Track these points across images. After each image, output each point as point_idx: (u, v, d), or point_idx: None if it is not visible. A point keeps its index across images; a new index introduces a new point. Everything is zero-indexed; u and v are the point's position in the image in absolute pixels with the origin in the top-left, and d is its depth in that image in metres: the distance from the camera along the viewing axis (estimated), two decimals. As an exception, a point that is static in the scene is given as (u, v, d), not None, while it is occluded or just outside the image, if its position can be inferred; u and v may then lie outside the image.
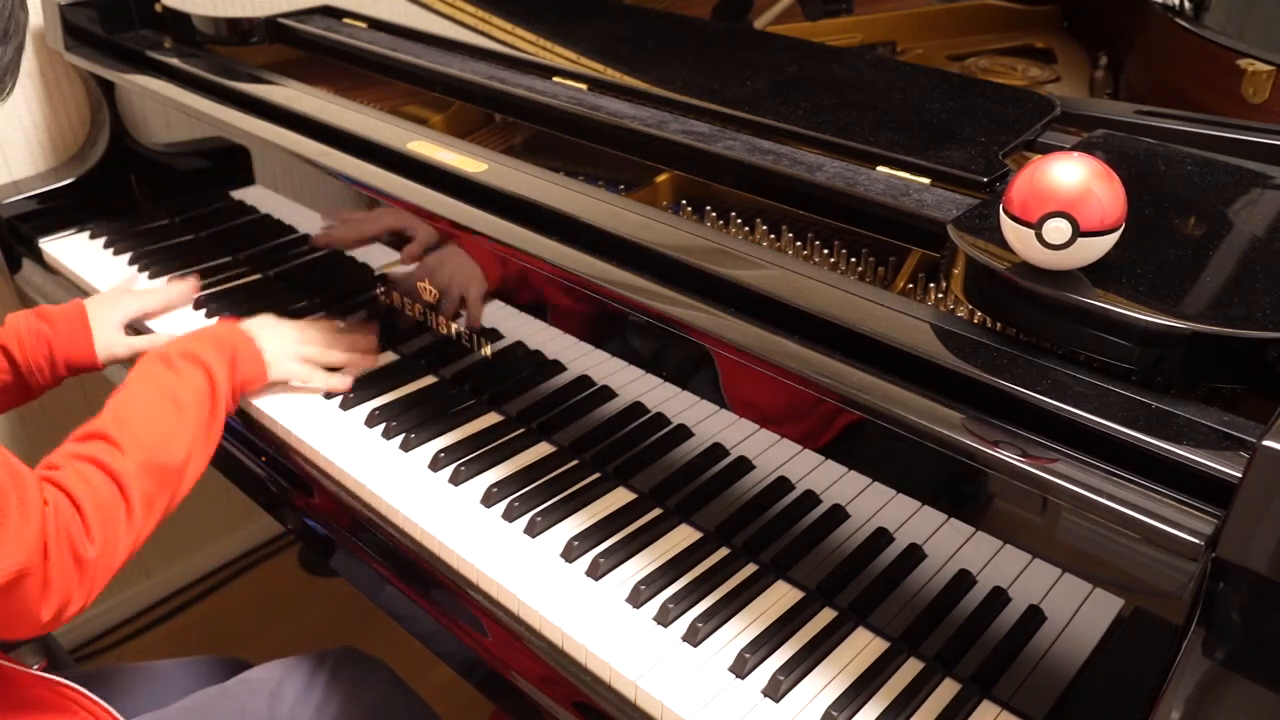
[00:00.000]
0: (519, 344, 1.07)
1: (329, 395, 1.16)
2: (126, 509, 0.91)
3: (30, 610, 0.83)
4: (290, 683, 1.02)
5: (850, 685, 0.82)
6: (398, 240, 1.15)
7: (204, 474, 1.02)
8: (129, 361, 1.27)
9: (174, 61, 1.43)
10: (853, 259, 0.98)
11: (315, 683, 1.01)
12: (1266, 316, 0.69)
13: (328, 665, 1.04)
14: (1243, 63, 1.13)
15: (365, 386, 1.17)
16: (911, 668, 0.84)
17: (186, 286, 1.35)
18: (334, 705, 1.01)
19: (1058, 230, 0.70)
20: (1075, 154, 0.72)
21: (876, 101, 1.09)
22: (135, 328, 1.30)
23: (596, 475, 1.03)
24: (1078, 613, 0.73)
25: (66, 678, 0.98)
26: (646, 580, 0.90)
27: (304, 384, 1.16)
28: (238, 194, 1.43)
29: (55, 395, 1.71)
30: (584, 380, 1.03)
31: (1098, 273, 0.73)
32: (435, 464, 1.05)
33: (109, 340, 1.23)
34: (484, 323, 1.10)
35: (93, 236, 1.56)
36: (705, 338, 0.85)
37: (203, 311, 1.35)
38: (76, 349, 1.20)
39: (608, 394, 1.01)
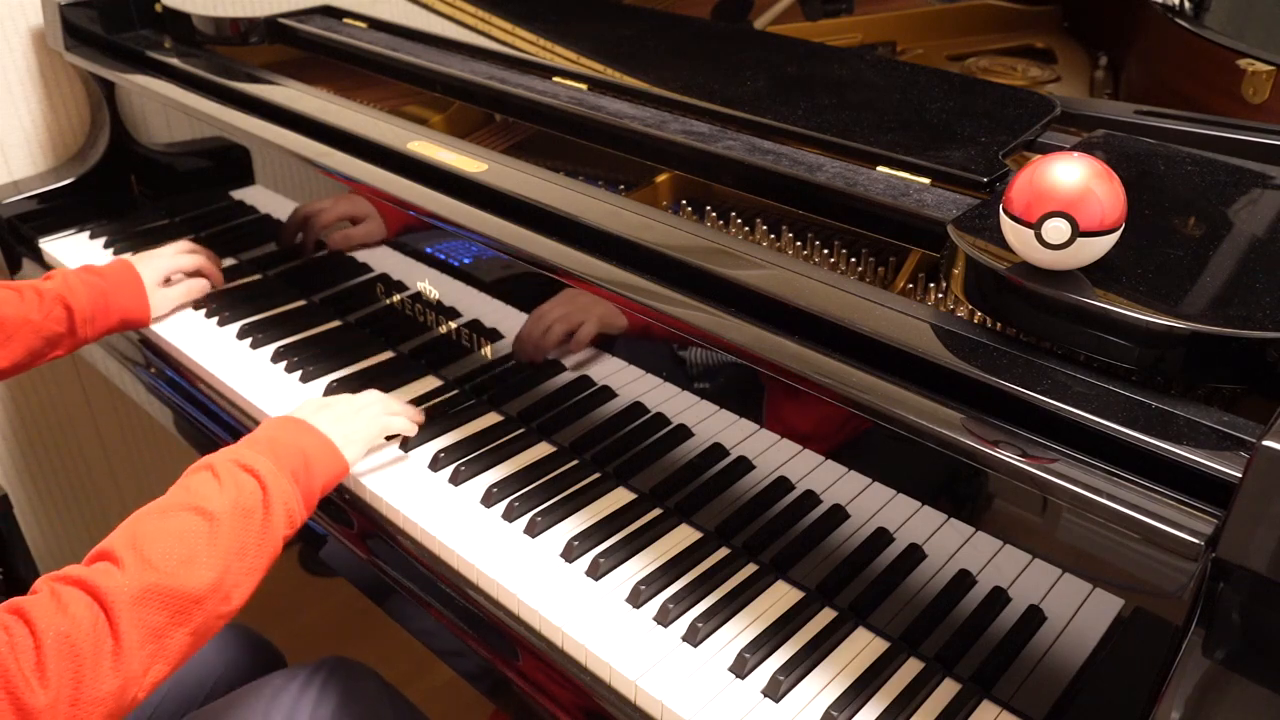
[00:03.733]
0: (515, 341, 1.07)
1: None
2: (114, 643, 0.74)
3: None
4: (282, 696, 1.01)
5: (850, 685, 0.82)
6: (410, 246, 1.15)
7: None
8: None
9: (174, 61, 1.43)
10: (853, 259, 0.98)
11: (306, 695, 1.01)
12: (1266, 316, 0.69)
13: (319, 677, 1.03)
14: (1243, 63, 1.13)
15: (364, 388, 1.17)
16: (911, 668, 0.84)
17: (211, 266, 1.38)
18: (325, 715, 1.01)
19: (1057, 230, 0.70)
20: (1075, 154, 0.72)
21: (876, 101, 1.09)
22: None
23: (596, 475, 1.03)
24: (1078, 613, 0.73)
25: None
26: (646, 580, 0.90)
27: (383, 434, 1.04)
28: (238, 194, 1.42)
29: (55, 397, 1.72)
30: (584, 380, 1.03)
31: (1098, 273, 0.73)
32: (435, 464, 1.05)
33: (157, 295, 1.30)
34: (485, 323, 1.10)
35: (93, 236, 1.56)
36: (705, 337, 0.85)
37: (202, 312, 1.34)
38: (132, 302, 1.27)
39: (608, 394, 1.01)
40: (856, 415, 0.78)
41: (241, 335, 1.29)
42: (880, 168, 0.97)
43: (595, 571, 0.92)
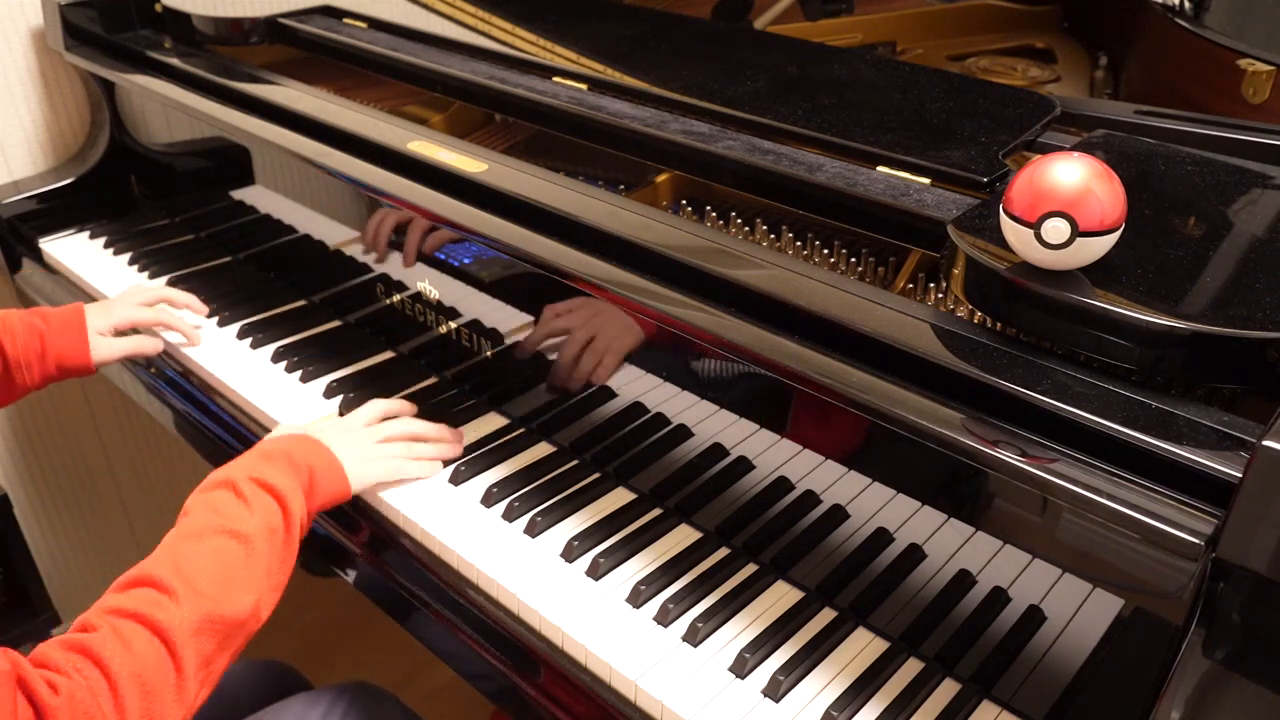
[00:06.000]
0: (519, 344, 1.07)
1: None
2: (177, 677, 0.75)
3: None
4: (305, 719, 1.01)
5: (850, 685, 0.82)
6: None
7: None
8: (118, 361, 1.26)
9: (174, 61, 1.43)
10: (853, 259, 0.98)
11: (329, 719, 1.01)
12: (1266, 316, 0.69)
13: (342, 703, 1.03)
14: (1243, 63, 1.13)
15: (364, 388, 1.17)
16: (911, 668, 0.84)
17: (186, 316, 1.30)
18: None
19: (1057, 230, 0.70)
20: (1075, 154, 0.72)
21: (876, 101, 1.09)
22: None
23: (596, 475, 1.03)
24: (1078, 613, 0.73)
25: None
26: (646, 580, 0.90)
27: (398, 479, 1.02)
28: (238, 194, 1.43)
29: (55, 397, 1.72)
30: (583, 380, 1.03)
31: (1098, 273, 0.73)
32: (435, 464, 1.05)
33: (100, 343, 1.21)
34: (485, 323, 1.10)
35: (93, 236, 1.56)
36: (705, 337, 0.85)
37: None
38: (70, 348, 1.18)
39: (608, 394, 1.01)
40: (857, 415, 0.78)
41: (241, 335, 1.29)
42: (880, 168, 0.97)
43: (595, 571, 0.92)
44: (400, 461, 1.01)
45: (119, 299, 1.29)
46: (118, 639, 0.74)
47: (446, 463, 1.05)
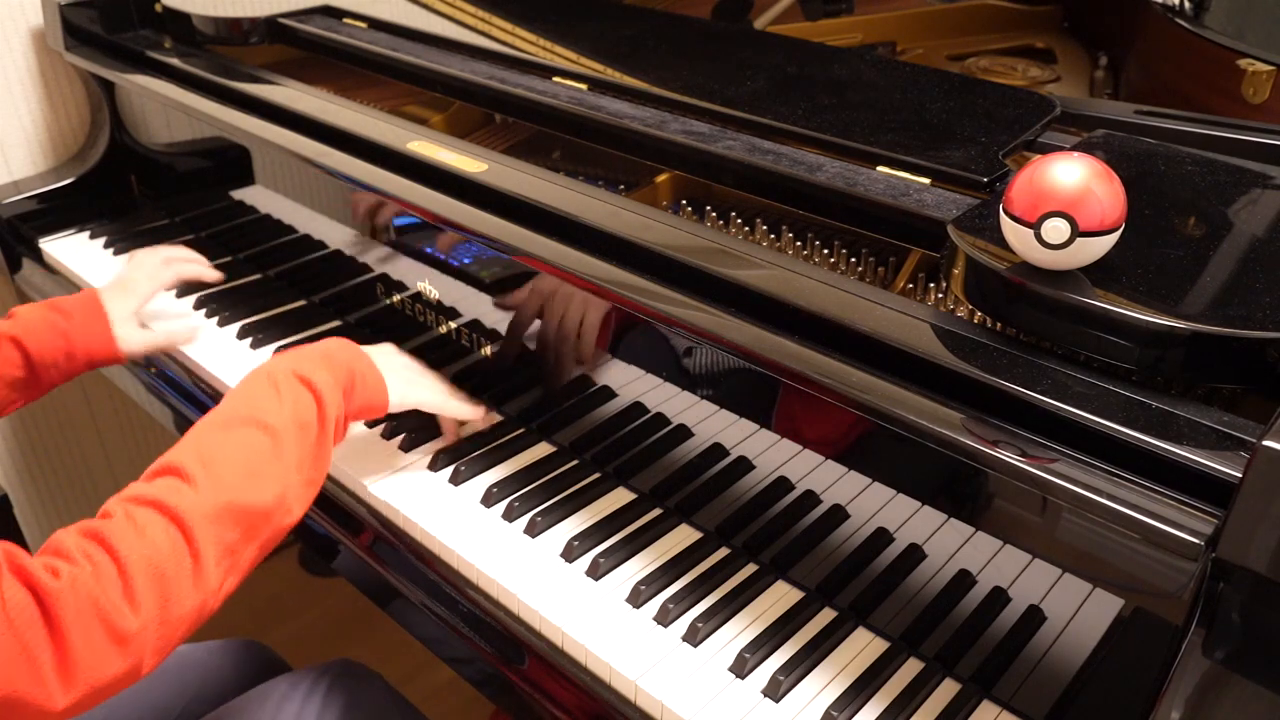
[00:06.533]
0: (512, 342, 1.07)
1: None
2: (194, 563, 0.75)
3: (43, 708, 0.68)
4: (288, 700, 1.01)
5: (850, 685, 0.82)
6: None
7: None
8: (144, 358, 1.26)
9: (174, 61, 1.43)
10: (853, 259, 0.98)
11: (312, 699, 1.01)
12: (1266, 316, 0.69)
13: (325, 680, 1.03)
14: (1243, 63, 1.13)
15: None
16: (911, 668, 0.84)
17: (198, 268, 1.30)
18: (331, 719, 1.01)
19: (1057, 230, 0.70)
20: (1075, 154, 0.72)
21: (876, 101, 1.09)
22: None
23: (596, 475, 1.03)
24: (1078, 613, 0.73)
25: None
26: (646, 580, 0.90)
27: (439, 409, 1.04)
28: (238, 194, 1.43)
29: (55, 397, 1.72)
30: (584, 380, 1.03)
31: (1098, 273, 0.73)
32: (435, 464, 1.05)
33: (128, 334, 1.19)
34: (485, 323, 1.10)
35: (93, 236, 1.56)
36: (705, 337, 0.85)
37: (202, 312, 1.34)
38: (96, 341, 1.15)
39: (608, 394, 1.01)
40: (856, 415, 0.78)
41: (241, 335, 1.29)
42: (880, 168, 0.97)
43: (595, 571, 0.92)
44: (444, 396, 1.03)
45: (129, 275, 1.25)
46: (131, 524, 0.74)
47: (457, 456, 1.05)
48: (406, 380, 1.01)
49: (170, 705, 1.09)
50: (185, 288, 1.37)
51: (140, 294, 1.23)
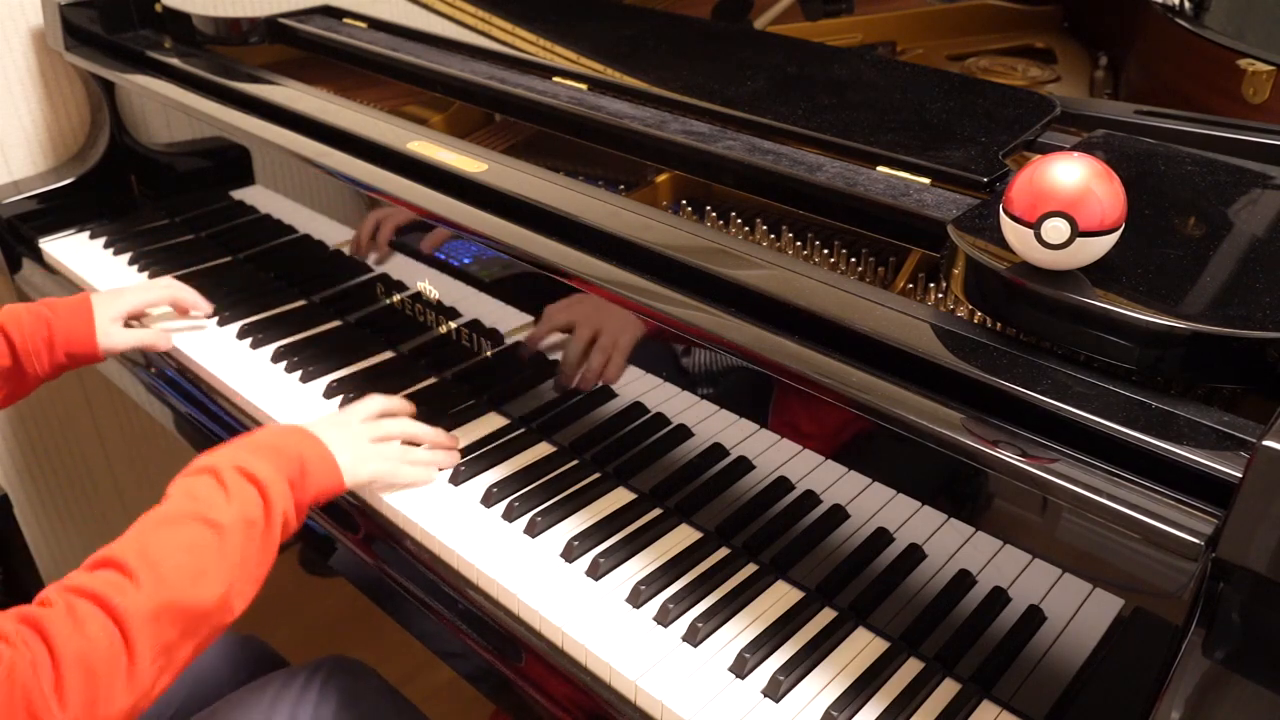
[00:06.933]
0: (519, 344, 1.07)
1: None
2: (129, 662, 0.73)
3: None
4: (283, 696, 1.01)
5: (850, 685, 0.82)
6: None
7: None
8: (127, 352, 1.28)
9: (174, 61, 1.43)
10: (853, 259, 0.98)
11: (307, 695, 1.01)
12: (1266, 316, 0.69)
13: (319, 676, 1.03)
14: (1243, 63, 1.13)
15: (364, 388, 1.17)
16: (911, 668, 0.84)
17: (193, 296, 1.31)
18: (326, 715, 1.01)
19: (1057, 230, 0.70)
20: (1075, 154, 0.72)
21: (876, 101, 1.09)
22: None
23: (596, 475, 1.03)
24: (1078, 613, 0.73)
25: None
26: (646, 580, 0.90)
27: (390, 481, 1.01)
28: (238, 194, 1.43)
29: (55, 397, 1.72)
30: (593, 379, 1.03)
31: (1098, 273, 0.73)
32: (435, 464, 1.05)
33: (110, 330, 1.21)
34: (485, 323, 1.10)
35: (93, 236, 1.56)
36: (705, 337, 0.85)
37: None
38: (77, 336, 1.18)
39: (608, 394, 1.01)
40: (856, 415, 0.78)
41: (241, 335, 1.29)
42: (880, 168, 0.97)
43: (595, 571, 0.92)
44: (395, 464, 1.00)
45: (125, 286, 1.29)
46: (70, 618, 0.72)
47: (442, 469, 1.04)
48: (359, 458, 0.98)
49: (167, 699, 1.09)
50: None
51: (129, 299, 1.26)
